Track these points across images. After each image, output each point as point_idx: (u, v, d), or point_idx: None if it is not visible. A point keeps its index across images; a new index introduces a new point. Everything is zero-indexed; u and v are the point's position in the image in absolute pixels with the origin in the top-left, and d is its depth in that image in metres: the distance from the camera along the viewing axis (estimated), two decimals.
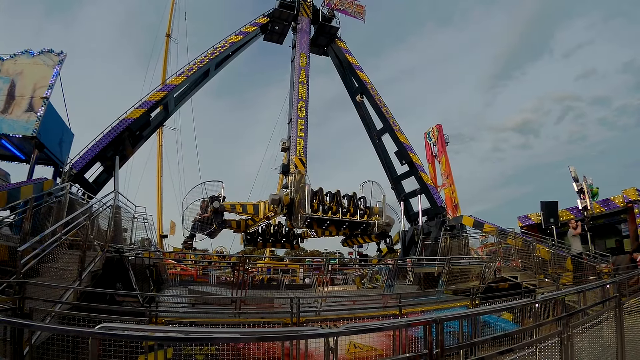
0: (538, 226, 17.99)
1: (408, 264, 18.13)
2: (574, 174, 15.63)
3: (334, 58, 28.06)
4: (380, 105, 24.97)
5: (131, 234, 13.41)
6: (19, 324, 4.73)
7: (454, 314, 5.51)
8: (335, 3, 26.77)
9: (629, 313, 6.17)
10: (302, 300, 10.55)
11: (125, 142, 18.16)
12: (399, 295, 12.49)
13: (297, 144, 21.64)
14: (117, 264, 11.01)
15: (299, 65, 23.38)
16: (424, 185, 22.97)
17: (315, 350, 4.77)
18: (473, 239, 19.30)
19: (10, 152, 13.52)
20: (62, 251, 8.86)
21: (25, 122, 12.31)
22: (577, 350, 4.86)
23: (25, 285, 6.43)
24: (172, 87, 19.93)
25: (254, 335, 4.70)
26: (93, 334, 3.29)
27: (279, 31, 26.26)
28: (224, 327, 9.07)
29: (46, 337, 5.97)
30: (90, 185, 16.77)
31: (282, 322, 9.91)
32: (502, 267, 15.06)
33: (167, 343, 5.95)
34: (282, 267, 33.62)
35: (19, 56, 13.28)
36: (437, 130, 49.21)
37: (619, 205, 15.90)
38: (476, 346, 4.70)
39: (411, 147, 24.22)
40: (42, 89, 12.83)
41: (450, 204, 43.40)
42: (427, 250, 19.86)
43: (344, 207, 19.01)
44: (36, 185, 11.00)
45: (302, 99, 22.63)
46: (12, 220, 9.60)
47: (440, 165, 48.14)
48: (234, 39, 22.83)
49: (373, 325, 4.60)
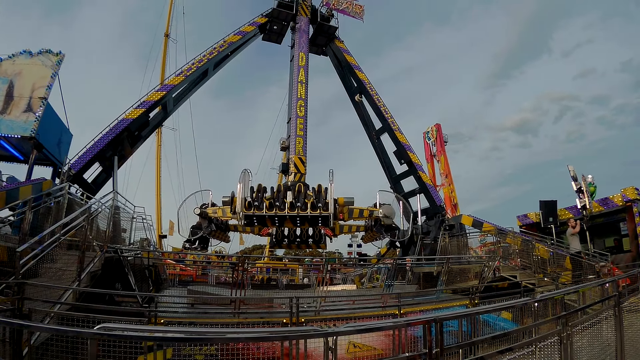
0: (537, 225, 18.00)
1: (407, 263, 18.14)
2: (572, 173, 15.63)
3: (332, 58, 28.06)
4: (379, 105, 24.96)
5: (130, 234, 13.40)
6: (17, 325, 4.73)
7: (453, 314, 5.52)
8: (333, 3, 26.77)
9: (629, 312, 6.17)
10: (302, 300, 10.56)
11: (124, 142, 18.15)
12: (399, 294, 12.49)
13: (297, 142, 21.53)
14: (116, 265, 11.00)
15: (298, 64, 23.35)
16: (423, 185, 22.95)
17: (315, 350, 4.77)
18: (472, 238, 19.32)
19: (9, 152, 13.49)
20: (61, 252, 8.86)
21: (24, 122, 12.27)
22: (576, 349, 4.87)
23: (24, 285, 6.43)
24: (170, 87, 19.91)
25: (254, 335, 4.70)
26: (92, 334, 3.29)
27: (278, 31, 26.26)
28: (224, 327, 9.07)
29: (45, 337, 5.96)
30: (89, 185, 16.77)
31: (281, 322, 9.92)
32: (502, 266, 15.08)
33: (167, 343, 5.95)
34: (282, 267, 33.66)
35: (17, 56, 13.24)
36: (436, 129, 49.25)
37: (618, 205, 15.90)
38: (475, 345, 4.71)
39: (410, 146, 24.20)
40: (41, 90, 12.79)
41: (449, 204, 43.46)
42: (426, 249, 19.85)
43: (301, 201, 17.51)
44: (35, 185, 10.97)
45: (301, 97, 22.58)
46: (11, 221, 9.57)
47: (439, 164, 48.19)
48: (232, 38, 22.83)
49: (372, 324, 4.61)
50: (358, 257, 27.34)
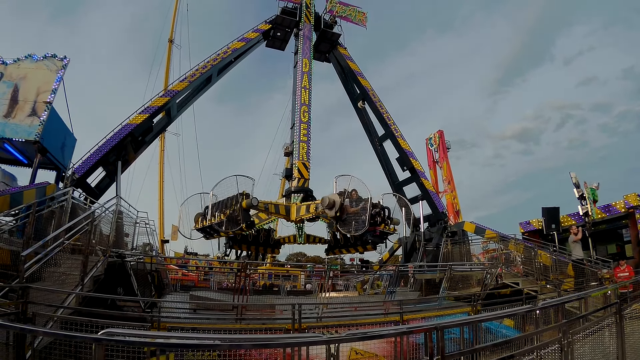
0: (540, 232, 17.98)
1: (409, 270, 18.11)
2: (575, 180, 15.64)
3: (335, 64, 28.21)
4: (381, 112, 25.05)
5: (133, 239, 13.46)
6: (20, 329, 4.76)
7: (454, 321, 5.52)
8: (337, 10, 26.96)
9: (631, 319, 6.17)
10: (304, 306, 10.55)
11: (127, 147, 18.24)
12: (400, 301, 12.47)
13: (300, 148, 21.61)
14: (119, 269, 11.04)
15: (302, 70, 23.48)
16: (425, 192, 22.95)
17: (317, 356, 4.78)
18: (474, 245, 19.30)
19: (13, 156, 13.58)
20: (65, 256, 8.89)
21: (28, 126, 12.37)
22: (577, 356, 4.87)
23: (28, 289, 6.46)
24: (174, 93, 20.04)
25: (256, 341, 4.72)
26: (97, 339, 3.32)
27: (281, 37, 26.46)
28: (226, 333, 9.07)
29: (48, 341, 5.99)
30: (93, 190, 16.83)
31: (283, 328, 9.91)
32: (504, 273, 15.05)
33: (169, 349, 5.96)
34: (284, 272, 33.67)
35: (22, 61, 13.35)
36: (438, 136, 49.10)
37: (621, 211, 15.91)
38: (477, 353, 4.71)
39: (412, 153, 24.25)
40: (45, 94, 12.89)
41: (451, 210, 43.27)
42: (428, 256, 19.82)
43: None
44: (39, 189, 11.04)
45: (304, 103, 22.69)
46: (15, 225, 9.62)
47: (441, 171, 48.01)
48: (236, 45, 23.00)
49: (374, 332, 4.62)
50: (360, 263, 27.26)
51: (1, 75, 13.01)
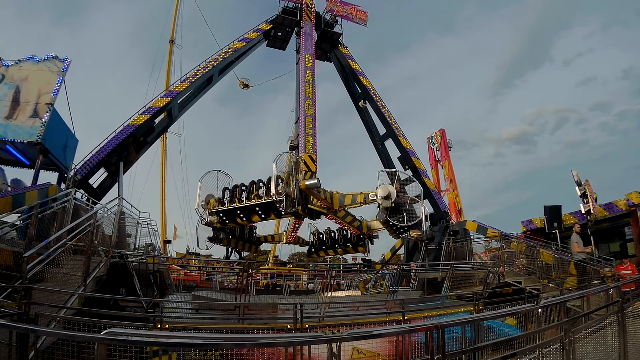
0: (542, 230, 17.93)
1: (412, 269, 18.09)
2: (576, 178, 15.59)
3: (336, 64, 28.21)
4: (383, 111, 25.04)
5: (135, 239, 13.48)
6: (23, 329, 4.78)
7: (455, 320, 5.53)
8: (337, 9, 26.95)
9: (633, 317, 6.16)
10: (306, 306, 10.55)
11: (129, 147, 18.27)
12: (402, 300, 12.46)
13: (306, 141, 21.49)
14: (121, 270, 11.06)
15: (305, 65, 23.45)
16: (427, 190, 22.91)
17: (319, 355, 4.79)
18: (477, 244, 19.27)
19: (15, 157, 13.61)
20: (67, 257, 8.93)
21: (30, 127, 12.38)
22: (579, 354, 4.87)
23: (31, 290, 6.49)
24: (176, 94, 20.06)
25: (258, 341, 4.73)
26: (100, 339, 3.33)
27: (282, 37, 26.47)
28: (228, 333, 9.09)
29: (51, 341, 6.00)
30: (95, 190, 16.86)
31: (285, 328, 9.91)
32: (506, 271, 15.03)
33: (172, 348, 5.98)
34: (286, 272, 33.66)
35: (24, 62, 13.37)
36: (440, 135, 49.06)
37: (622, 209, 15.86)
38: (479, 351, 4.72)
39: (414, 152, 24.25)
40: (47, 95, 12.91)
41: (453, 209, 43.24)
42: (430, 255, 19.82)
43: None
44: (41, 190, 11.06)
45: (309, 97, 22.66)
46: (18, 226, 9.64)
47: (443, 170, 47.95)
48: (237, 45, 23.01)
49: (375, 331, 4.63)
50: (362, 262, 27.23)
51: (2, 77, 13.02)
